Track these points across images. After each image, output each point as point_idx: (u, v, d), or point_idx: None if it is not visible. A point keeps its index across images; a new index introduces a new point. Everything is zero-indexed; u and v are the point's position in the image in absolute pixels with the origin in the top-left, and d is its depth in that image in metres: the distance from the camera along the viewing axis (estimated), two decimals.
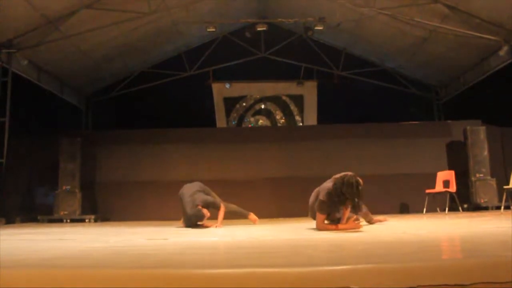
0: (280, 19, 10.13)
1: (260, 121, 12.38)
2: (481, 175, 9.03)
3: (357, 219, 4.52)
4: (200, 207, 5.30)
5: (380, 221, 5.49)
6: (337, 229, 4.12)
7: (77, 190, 8.97)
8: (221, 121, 12.24)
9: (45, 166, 9.34)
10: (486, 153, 9.14)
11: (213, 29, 9.70)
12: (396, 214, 8.76)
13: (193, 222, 5.38)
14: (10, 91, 8.30)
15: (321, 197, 4.16)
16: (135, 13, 8.67)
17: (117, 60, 10.91)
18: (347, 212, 4.34)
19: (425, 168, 9.39)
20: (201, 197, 5.49)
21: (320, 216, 4.22)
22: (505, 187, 7.98)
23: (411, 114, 11.82)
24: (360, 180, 4.00)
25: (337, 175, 4.15)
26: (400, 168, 9.68)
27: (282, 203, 9.28)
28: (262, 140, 10.01)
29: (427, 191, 8.51)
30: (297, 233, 4.16)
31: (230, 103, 12.36)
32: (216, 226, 5.32)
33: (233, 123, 12.30)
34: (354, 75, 12.12)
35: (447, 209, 8.31)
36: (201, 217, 5.23)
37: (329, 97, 11.87)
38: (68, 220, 8.70)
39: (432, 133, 10.17)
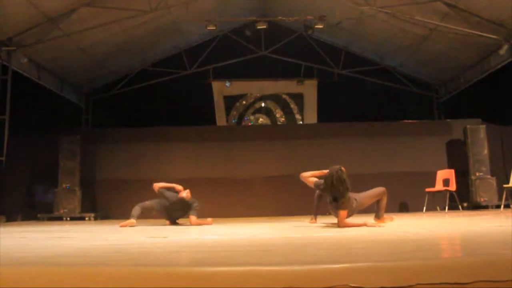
0: (280, 17, 10.11)
1: (260, 119, 12.38)
2: (481, 173, 9.03)
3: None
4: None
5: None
6: (361, 226, 4.34)
7: (77, 188, 8.98)
8: (221, 119, 12.24)
9: (45, 164, 9.34)
10: (486, 151, 9.14)
11: (213, 27, 9.68)
12: (396, 213, 8.76)
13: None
14: (10, 89, 8.30)
15: (342, 208, 4.42)
16: (135, 11, 8.67)
17: (117, 58, 10.90)
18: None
19: (425, 167, 9.40)
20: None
21: (345, 213, 4.43)
22: (505, 185, 7.99)
23: (411, 112, 11.81)
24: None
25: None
26: (400, 167, 9.68)
27: (282, 201, 9.30)
28: (262, 139, 10.02)
29: (427, 189, 8.52)
30: (297, 231, 4.16)
31: (230, 101, 12.36)
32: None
33: (233, 121, 12.30)
34: (354, 73, 12.11)
35: (447, 207, 8.31)
36: None
37: (329, 95, 11.86)
38: (68, 218, 8.71)
39: (432, 131, 10.17)
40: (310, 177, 4.90)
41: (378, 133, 10.02)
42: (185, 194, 5.82)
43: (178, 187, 5.89)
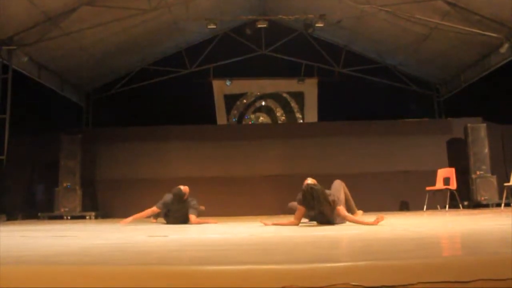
0: (280, 16, 10.12)
1: (261, 118, 12.38)
2: (482, 172, 9.03)
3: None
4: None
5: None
6: (368, 224, 4.34)
7: (77, 187, 8.99)
8: (221, 118, 12.24)
9: (45, 163, 9.36)
10: (486, 150, 9.14)
11: (214, 26, 9.67)
12: (396, 212, 8.77)
13: None
14: (11, 88, 8.30)
15: (335, 197, 4.52)
16: (135, 10, 8.67)
17: (118, 57, 10.90)
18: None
19: (426, 166, 9.40)
20: None
21: (343, 207, 4.56)
22: (505, 184, 8.00)
23: (411, 111, 11.82)
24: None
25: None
26: (401, 166, 9.68)
27: (282, 200, 9.24)
28: (262, 137, 10.03)
29: (428, 188, 8.52)
30: (297, 229, 4.16)
31: (231, 100, 12.36)
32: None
33: (234, 120, 12.30)
34: (354, 72, 12.11)
35: (447, 206, 8.32)
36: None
37: (330, 94, 11.86)
38: (69, 217, 8.72)
39: (433, 130, 10.18)
40: (296, 217, 4.72)
41: (378, 132, 10.02)
42: (182, 187, 5.81)
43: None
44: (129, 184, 9.46)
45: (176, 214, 5.80)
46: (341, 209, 4.48)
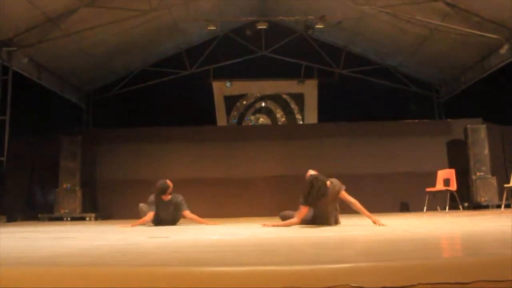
0: (280, 17, 10.12)
1: (261, 119, 12.38)
2: (482, 173, 9.03)
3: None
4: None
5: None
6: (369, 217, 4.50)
7: (77, 188, 8.99)
8: (221, 119, 12.24)
9: (45, 164, 9.35)
10: (486, 151, 9.13)
11: (214, 27, 9.68)
12: (396, 213, 8.77)
13: None
14: (11, 89, 8.31)
15: (343, 188, 4.63)
16: (135, 11, 8.68)
17: (118, 58, 10.91)
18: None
19: (426, 167, 9.40)
20: None
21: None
22: (505, 185, 7.99)
23: (411, 112, 11.82)
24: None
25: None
26: (401, 167, 9.68)
27: (282, 201, 9.27)
28: (262, 139, 10.02)
29: (428, 189, 8.52)
30: (297, 231, 4.16)
31: (231, 101, 12.36)
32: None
33: (234, 121, 12.31)
34: (354, 73, 12.11)
35: (447, 207, 8.31)
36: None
37: (330, 95, 11.86)
38: (69, 218, 8.72)
39: (433, 131, 10.17)
40: (298, 216, 4.67)
41: (378, 133, 10.02)
42: (167, 180, 5.80)
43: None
44: (129, 185, 9.45)
45: (166, 217, 5.77)
46: (345, 193, 4.56)
